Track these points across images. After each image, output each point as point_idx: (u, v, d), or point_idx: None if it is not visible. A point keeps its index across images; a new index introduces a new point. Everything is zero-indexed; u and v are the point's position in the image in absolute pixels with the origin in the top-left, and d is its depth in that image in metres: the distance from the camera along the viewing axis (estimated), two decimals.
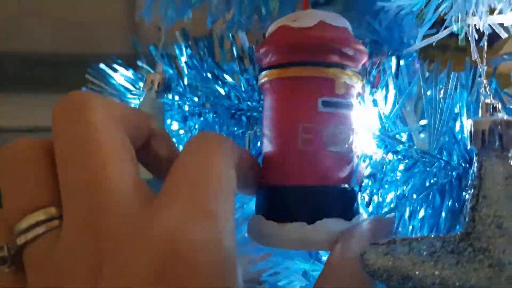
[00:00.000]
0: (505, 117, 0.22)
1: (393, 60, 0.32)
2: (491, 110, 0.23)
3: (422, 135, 0.31)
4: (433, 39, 0.41)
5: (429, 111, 0.29)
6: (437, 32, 0.40)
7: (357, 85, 0.29)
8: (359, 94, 0.30)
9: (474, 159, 0.22)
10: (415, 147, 0.29)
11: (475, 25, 0.31)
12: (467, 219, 0.22)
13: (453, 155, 0.29)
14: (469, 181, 0.22)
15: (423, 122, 0.30)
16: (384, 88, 0.31)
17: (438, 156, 0.28)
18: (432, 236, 0.22)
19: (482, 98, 0.23)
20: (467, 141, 0.23)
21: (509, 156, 0.22)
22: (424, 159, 0.29)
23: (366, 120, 0.30)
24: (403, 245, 0.22)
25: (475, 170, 0.22)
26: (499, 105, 0.23)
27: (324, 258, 0.34)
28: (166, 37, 0.38)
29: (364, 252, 0.22)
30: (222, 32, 0.35)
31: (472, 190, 0.22)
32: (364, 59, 0.29)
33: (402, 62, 0.32)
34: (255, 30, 0.38)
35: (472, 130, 0.22)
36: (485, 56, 0.24)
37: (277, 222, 0.28)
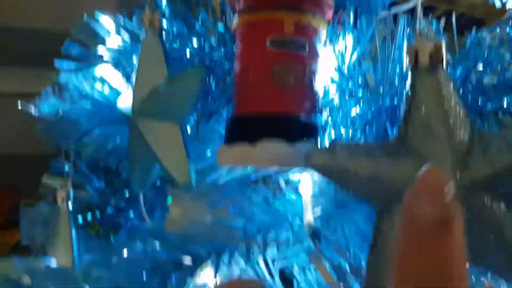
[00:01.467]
0: (435, 40, 0.26)
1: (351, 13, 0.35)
2: (424, 36, 0.26)
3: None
4: (401, 9, 0.45)
5: (382, 54, 0.33)
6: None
7: (317, 28, 0.32)
8: (321, 37, 0.33)
9: (409, 77, 0.26)
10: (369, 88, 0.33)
11: None
12: (401, 125, 0.25)
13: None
14: (404, 96, 0.26)
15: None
16: (344, 37, 0.35)
17: (388, 91, 0.32)
18: (370, 142, 0.26)
19: (417, 26, 0.27)
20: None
21: (437, 72, 0.25)
22: (375, 97, 0.33)
23: (325, 61, 0.33)
24: (343, 147, 0.25)
25: (409, 85, 0.25)
26: (432, 32, 0.26)
27: None
28: None
29: (309, 151, 0.25)
30: None
31: (406, 101, 0.25)
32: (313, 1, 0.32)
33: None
34: None
35: (408, 52, 0.26)
36: None
37: (229, 144, 0.31)
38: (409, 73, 0.26)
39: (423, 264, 0.16)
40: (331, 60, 0.34)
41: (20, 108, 0.44)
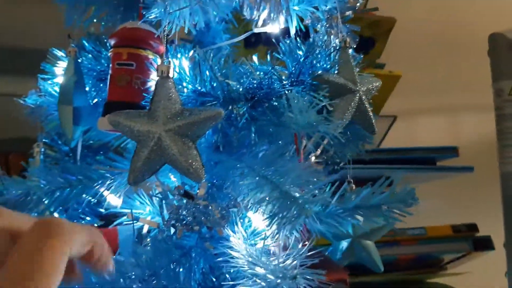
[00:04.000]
0: (170, 64, 0.53)
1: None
2: (166, 60, 0.54)
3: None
4: (228, 42, 0.73)
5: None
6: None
7: (146, 55, 0.61)
8: (149, 60, 0.62)
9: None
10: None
11: None
12: (149, 104, 0.53)
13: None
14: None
15: None
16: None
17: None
18: (140, 111, 0.54)
19: (165, 57, 0.55)
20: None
21: (167, 79, 0.53)
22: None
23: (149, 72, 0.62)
24: (122, 112, 0.54)
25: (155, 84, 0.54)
26: (169, 68, 0.54)
27: None
28: None
29: (109, 115, 0.54)
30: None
31: (153, 92, 0.53)
32: (143, 42, 0.61)
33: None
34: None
35: (156, 69, 0.54)
36: None
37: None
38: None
39: None
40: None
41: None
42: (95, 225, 0.75)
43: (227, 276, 0.57)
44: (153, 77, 0.62)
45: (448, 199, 1.38)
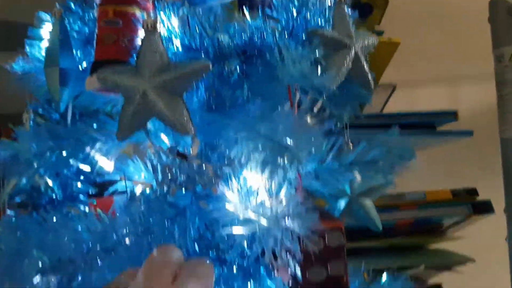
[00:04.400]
0: (155, 20, 0.52)
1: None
2: (154, 16, 0.52)
3: None
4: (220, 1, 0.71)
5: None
6: None
7: (133, 12, 0.59)
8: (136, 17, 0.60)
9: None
10: None
11: None
12: (136, 59, 0.52)
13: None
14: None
15: None
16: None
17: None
18: (127, 66, 0.53)
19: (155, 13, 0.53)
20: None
21: (154, 33, 0.51)
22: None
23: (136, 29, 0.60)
24: (109, 68, 0.52)
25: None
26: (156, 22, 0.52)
27: None
28: None
29: (97, 73, 0.52)
30: None
31: (140, 46, 0.52)
32: None
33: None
34: None
35: (142, 23, 0.52)
36: None
37: None
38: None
39: None
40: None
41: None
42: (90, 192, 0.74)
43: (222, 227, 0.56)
44: (141, 34, 0.60)
45: (448, 164, 1.37)
